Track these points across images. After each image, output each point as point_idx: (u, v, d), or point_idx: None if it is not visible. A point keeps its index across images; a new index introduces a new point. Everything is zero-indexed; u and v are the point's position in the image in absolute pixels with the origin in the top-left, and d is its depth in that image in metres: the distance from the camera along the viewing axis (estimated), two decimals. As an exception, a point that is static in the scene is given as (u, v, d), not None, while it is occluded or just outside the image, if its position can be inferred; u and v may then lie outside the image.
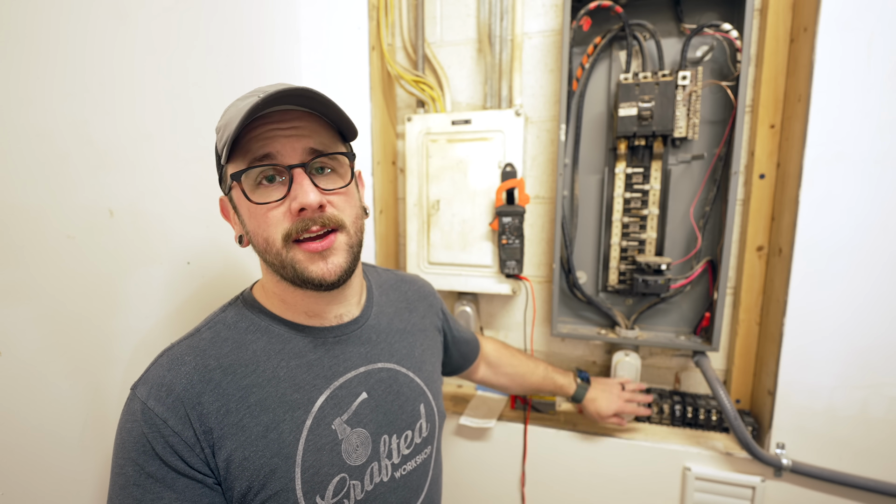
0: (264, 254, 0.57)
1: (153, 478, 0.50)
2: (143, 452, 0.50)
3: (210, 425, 0.52)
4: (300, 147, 0.55)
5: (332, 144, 0.58)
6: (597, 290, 1.23)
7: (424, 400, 0.70)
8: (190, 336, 0.59)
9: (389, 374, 0.67)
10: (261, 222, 0.56)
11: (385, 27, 1.25)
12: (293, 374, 0.58)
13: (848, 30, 0.90)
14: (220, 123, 0.57)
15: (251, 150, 0.54)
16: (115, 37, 0.69)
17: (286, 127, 0.55)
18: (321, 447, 0.57)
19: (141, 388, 0.54)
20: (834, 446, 1.00)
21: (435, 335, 0.81)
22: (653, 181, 1.12)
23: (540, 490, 1.21)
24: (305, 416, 0.57)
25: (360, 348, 0.65)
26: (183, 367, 0.55)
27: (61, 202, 0.62)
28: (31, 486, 0.60)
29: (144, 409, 0.52)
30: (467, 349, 0.96)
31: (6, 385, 0.57)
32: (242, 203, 0.57)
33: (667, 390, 1.24)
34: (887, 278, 0.93)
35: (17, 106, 0.57)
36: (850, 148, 0.93)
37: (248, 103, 0.53)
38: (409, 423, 0.67)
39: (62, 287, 0.62)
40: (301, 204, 0.53)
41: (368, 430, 0.61)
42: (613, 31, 1.11)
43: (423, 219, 1.26)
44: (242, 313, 0.62)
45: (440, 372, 0.82)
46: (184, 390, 0.53)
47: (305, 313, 0.62)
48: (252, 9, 0.98)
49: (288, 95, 0.53)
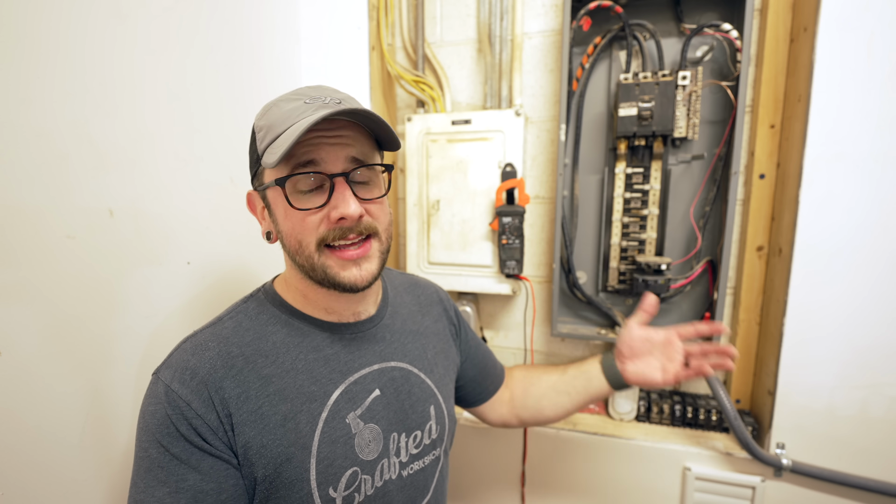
0: (295, 255, 0.58)
1: (178, 459, 0.51)
2: (167, 434, 0.51)
3: (230, 410, 0.53)
4: (343, 156, 0.56)
5: (371, 154, 0.60)
6: (597, 290, 1.23)
7: (435, 402, 0.70)
8: (213, 324, 0.60)
9: (402, 373, 0.67)
10: (296, 225, 0.57)
11: (385, 27, 1.25)
12: (311, 367, 0.59)
13: (848, 30, 0.90)
14: (261, 122, 0.57)
15: (295, 156, 0.55)
16: (115, 37, 0.69)
17: (331, 135, 0.55)
18: (336, 440, 0.58)
19: (164, 371, 0.55)
20: (834, 446, 1.00)
21: (448, 340, 0.80)
22: (653, 181, 1.12)
23: (540, 490, 1.21)
24: (322, 408, 0.58)
25: (375, 346, 0.66)
26: (207, 352, 0.56)
27: (61, 202, 0.62)
28: (31, 487, 0.60)
29: (168, 391, 0.52)
30: (481, 375, 0.84)
31: (6, 385, 0.57)
32: (279, 204, 0.58)
33: (667, 390, 1.24)
34: (887, 278, 0.93)
35: (16, 106, 0.57)
36: (850, 148, 0.93)
37: (294, 109, 0.54)
38: (419, 424, 0.67)
39: (62, 287, 0.62)
40: (342, 214, 0.55)
41: (380, 427, 0.62)
42: (613, 31, 1.11)
43: (423, 219, 1.26)
44: (264, 305, 0.63)
45: (453, 378, 0.79)
46: (207, 374, 0.54)
47: (325, 309, 0.63)
48: (252, 9, 0.98)
49: (339, 114, 0.53)
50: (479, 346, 0.87)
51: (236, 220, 0.91)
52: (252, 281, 0.95)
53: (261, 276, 0.97)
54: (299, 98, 0.56)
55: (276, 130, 0.54)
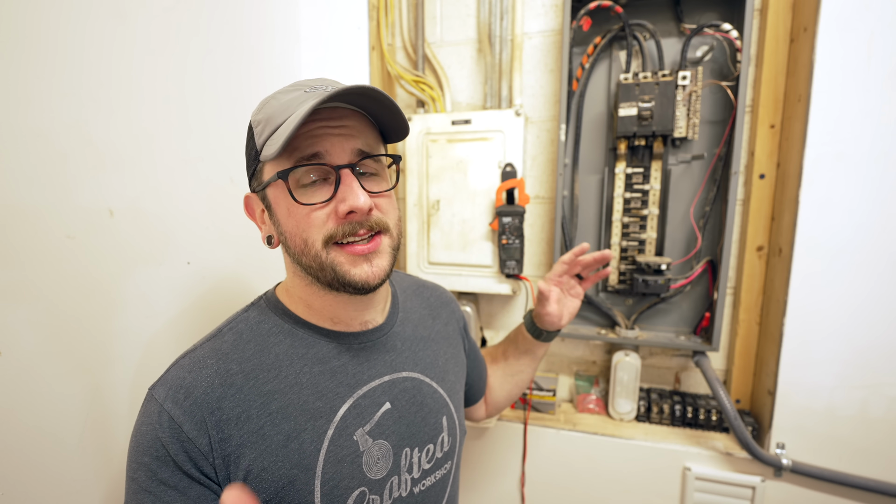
0: (300, 255, 0.54)
1: (165, 485, 0.49)
2: (156, 458, 0.49)
3: (229, 432, 0.50)
4: (349, 147, 0.53)
5: (376, 146, 0.57)
6: (597, 290, 1.23)
7: (447, 412, 0.67)
8: (212, 338, 0.57)
9: (413, 383, 0.64)
10: (301, 222, 0.53)
11: (385, 27, 1.25)
12: (316, 381, 0.56)
13: (848, 30, 0.90)
14: (258, 116, 0.54)
15: (298, 148, 0.51)
16: (115, 37, 0.69)
17: (335, 125, 0.52)
18: (342, 459, 0.54)
19: (159, 389, 0.52)
20: (834, 446, 1.00)
21: (458, 343, 0.78)
22: (653, 181, 1.12)
23: (540, 490, 1.21)
24: (327, 425, 0.55)
25: (385, 356, 0.62)
26: (204, 370, 0.53)
27: (61, 202, 0.62)
28: (31, 487, 0.60)
29: (161, 411, 0.50)
30: (479, 374, 0.86)
31: (6, 385, 0.57)
32: (281, 202, 0.54)
33: (667, 390, 1.24)
34: (887, 278, 0.93)
35: (16, 106, 0.57)
36: (850, 148, 0.93)
37: (293, 99, 0.50)
38: (432, 437, 0.64)
39: (62, 287, 0.62)
40: (351, 206, 0.51)
41: (390, 443, 0.59)
42: (613, 31, 1.11)
43: (423, 219, 1.26)
44: (266, 314, 0.59)
45: (463, 384, 0.77)
46: (203, 394, 0.51)
47: (331, 319, 0.60)
48: (252, 9, 0.98)
49: (345, 94, 0.50)
50: (476, 348, 0.87)
51: (236, 220, 0.91)
52: (252, 281, 0.95)
53: (261, 276, 0.97)
54: (298, 88, 0.53)
55: (276, 121, 0.51)
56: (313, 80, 0.56)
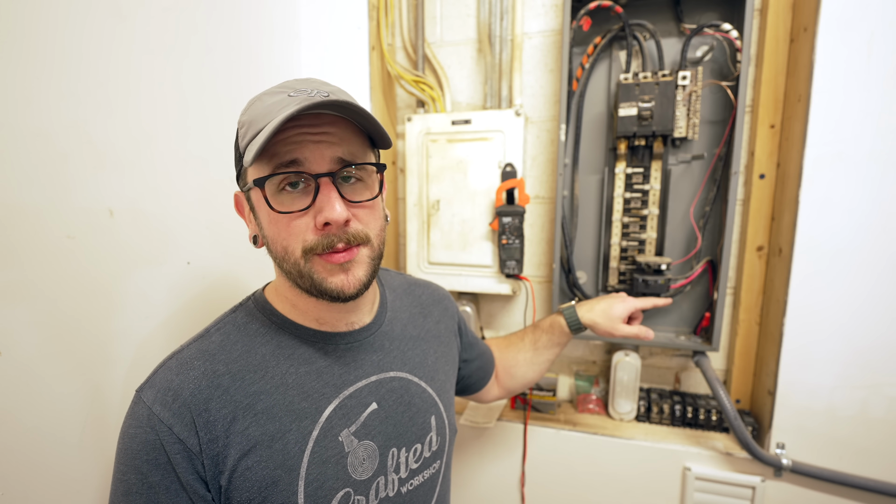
0: (282, 261, 0.55)
1: (155, 487, 0.49)
2: (147, 461, 0.49)
3: (217, 433, 0.51)
4: (329, 155, 0.52)
5: (361, 153, 0.56)
6: (597, 290, 1.23)
7: (436, 412, 0.68)
8: (199, 338, 0.57)
9: (401, 383, 0.64)
10: (281, 230, 0.53)
11: (385, 27, 1.24)
12: (302, 381, 0.56)
13: (848, 30, 0.90)
14: (243, 118, 0.54)
15: (277, 154, 0.51)
16: (114, 36, 0.69)
17: (316, 132, 0.51)
18: (326, 460, 0.55)
19: (147, 391, 0.52)
20: (834, 446, 1.00)
21: (451, 341, 0.78)
22: (653, 181, 1.12)
23: (540, 490, 1.21)
24: (312, 426, 0.55)
25: (373, 356, 0.63)
26: (191, 371, 0.53)
27: (61, 202, 0.62)
28: (31, 487, 0.60)
29: (150, 414, 0.50)
30: (482, 363, 0.89)
31: (6, 385, 0.57)
32: (262, 207, 0.54)
33: (667, 390, 1.24)
34: (887, 278, 0.93)
35: (16, 106, 0.57)
36: (850, 148, 0.93)
37: (277, 103, 0.50)
38: (419, 436, 0.64)
39: (62, 287, 0.62)
40: (326, 218, 0.51)
41: (376, 443, 0.59)
42: (613, 31, 1.11)
43: (423, 219, 1.26)
44: (253, 315, 0.60)
45: (454, 382, 0.78)
46: (191, 395, 0.51)
47: (317, 320, 0.60)
48: (251, 8, 0.98)
49: (322, 105, 0.49)
50: (477, 338, 0.90)
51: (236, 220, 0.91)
52: (252, 281, 0.95)
53: (261, 276, 0.97)
54: (284, 91, 0.52)
55: (257, 126, 0.50)
56: (301, 80, 0.55)
